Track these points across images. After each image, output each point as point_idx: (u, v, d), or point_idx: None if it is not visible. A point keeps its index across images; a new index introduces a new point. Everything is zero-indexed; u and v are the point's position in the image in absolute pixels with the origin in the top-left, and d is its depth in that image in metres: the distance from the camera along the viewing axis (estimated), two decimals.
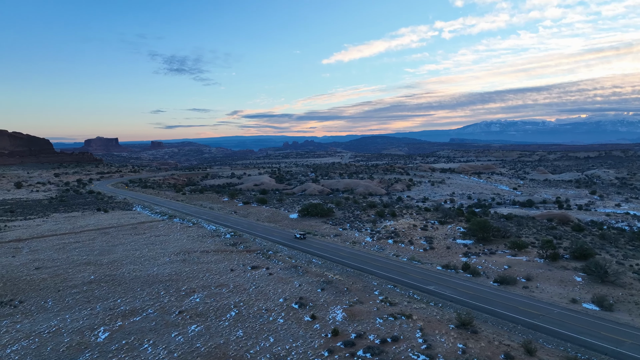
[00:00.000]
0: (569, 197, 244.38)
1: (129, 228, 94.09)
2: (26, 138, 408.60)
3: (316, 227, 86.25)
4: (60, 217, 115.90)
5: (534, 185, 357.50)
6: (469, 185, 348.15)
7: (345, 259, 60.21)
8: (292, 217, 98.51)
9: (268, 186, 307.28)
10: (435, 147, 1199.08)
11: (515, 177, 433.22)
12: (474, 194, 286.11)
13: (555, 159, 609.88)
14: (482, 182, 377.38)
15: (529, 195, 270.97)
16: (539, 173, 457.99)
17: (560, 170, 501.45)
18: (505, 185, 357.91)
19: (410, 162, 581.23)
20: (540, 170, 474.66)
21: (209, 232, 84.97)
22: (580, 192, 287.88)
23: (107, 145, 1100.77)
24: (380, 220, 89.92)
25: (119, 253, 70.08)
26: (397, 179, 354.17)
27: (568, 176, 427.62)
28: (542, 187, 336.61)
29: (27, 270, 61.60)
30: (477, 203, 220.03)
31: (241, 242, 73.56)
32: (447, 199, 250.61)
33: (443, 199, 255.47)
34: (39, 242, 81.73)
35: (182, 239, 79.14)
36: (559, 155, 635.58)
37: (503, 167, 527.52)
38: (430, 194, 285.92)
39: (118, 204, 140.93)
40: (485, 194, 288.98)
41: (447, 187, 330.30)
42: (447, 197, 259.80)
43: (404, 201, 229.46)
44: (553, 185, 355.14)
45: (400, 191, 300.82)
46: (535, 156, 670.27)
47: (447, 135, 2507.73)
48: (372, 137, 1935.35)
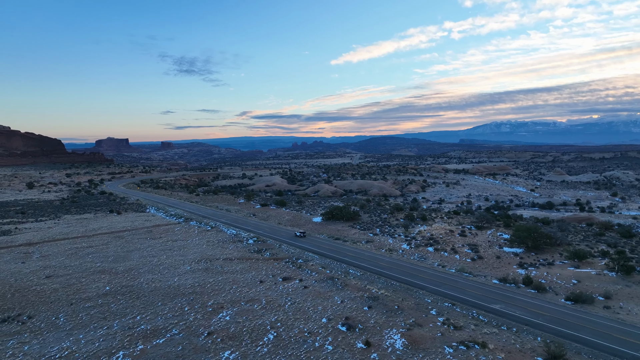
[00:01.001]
0: (590, 199, 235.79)
1: (143, 232, 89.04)
2: (38, 138, 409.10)
3: (344, 232, 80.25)
4: (72, 219, 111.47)
5: (552, 187, 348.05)
6: (484, 186, 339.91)
7: (386, 270, 54.11)
8: (315, 221, 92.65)
9: (280, 187, 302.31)
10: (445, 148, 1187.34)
11: (531, 179, 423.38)
12: (490, 195, 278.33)
13: (569, 160, 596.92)
14: (497, 184, 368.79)
15: (548, 197, 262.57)
16: (555, 174, 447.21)
17: (576, 171, 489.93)
18: (521, 187, 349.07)
19: (421, 163, 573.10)
20: (557, 171, 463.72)
21: (229, 236, 79.42)
22: (600, 194, 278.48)
23: (118, 146, 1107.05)
24: (412, 224, 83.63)
25: (135, 260, 64.80)
26: (411, 180, 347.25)
27: (586, 177, 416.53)
28: (560, 189, 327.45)
29: (38, 278, 56.55)
30: (495, 205, 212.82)
31: (266, 249, 67.84)
32: (464, 200, 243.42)
33: (459, 200, 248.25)
34: (50, 247, 76.93)
35: (202, 245, 73.70)
36: (573, 156, 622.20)
37: (516, 168, 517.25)
38: (446, 195, 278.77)
39: (131, 205, 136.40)
40: (502, 195, 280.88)
41: (462, 188, 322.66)
42: (464, 199, 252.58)
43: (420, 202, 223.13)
44: (571, 186, 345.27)
45: (415, 192, 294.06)
46: (548, 157, 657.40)
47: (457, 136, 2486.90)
48: (381, 137, 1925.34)
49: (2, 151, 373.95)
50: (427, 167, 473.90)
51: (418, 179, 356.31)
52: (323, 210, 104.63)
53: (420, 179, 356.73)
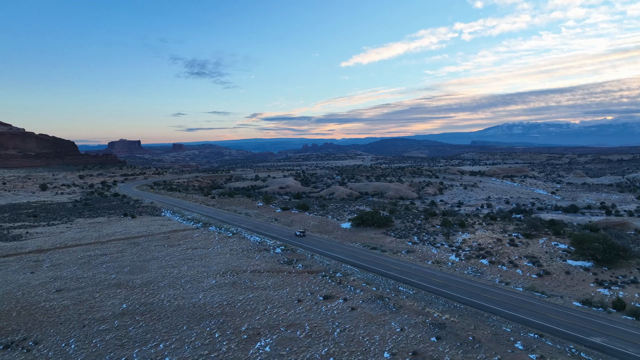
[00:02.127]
0: (614, 202, 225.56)
1: (160, 238, 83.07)
2: (52, 140, 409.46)
3: (379, 241, 73.18)
4: (84, 222, 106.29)
5: (573, 189, 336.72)
6: (503, 189, 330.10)
7: (441, 287, 46.94)
8: (344, 227, 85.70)
9: (294, 189, 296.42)
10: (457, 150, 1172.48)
11: (550, 181, 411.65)
12: (511, 198, 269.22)
13: (586, 162, 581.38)
14: (516, 186, 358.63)
15: (571, 200, 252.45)
16: (575, 176, 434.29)
17: (594, 173, 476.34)
18: (541, 189, 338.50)
19: (434, 165, 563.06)
20: (577, 173, 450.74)
21: (253, 244, 72.92)
22: (625, 196, 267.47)
23: (130, 148, 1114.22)
24: (452, 232, 76.20)
25: (153, 271, 58.61)
26: (428, 182, 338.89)
27: (607, 180, 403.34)
28: (582, 192, 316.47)
29: (47, 293, 50.61)
30: (516, 208, 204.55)
31: (297, 260, 61.12)
32: (484, 203, 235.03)
33: (479, 203, 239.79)
34: (62, 254, 71.30)
35: (225, 254, 67.30)
36: (590, 158, 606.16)
37: (532, 170, 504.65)
38: (465, 198, 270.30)
39: (145, 208, 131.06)
40: (523, 198, 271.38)
41: (480, 190, 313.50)
42: (484, 202, 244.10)
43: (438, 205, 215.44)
44: (593, 189, 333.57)
45: (433, 195, 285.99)
46: (564, 159, 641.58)
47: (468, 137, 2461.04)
48: (391, 139, 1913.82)
49: (17, 153, 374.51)
50: (442, 169, 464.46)
51: (434, 181, 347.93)
52: (350, 215, 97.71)
53: (436, 181, 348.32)
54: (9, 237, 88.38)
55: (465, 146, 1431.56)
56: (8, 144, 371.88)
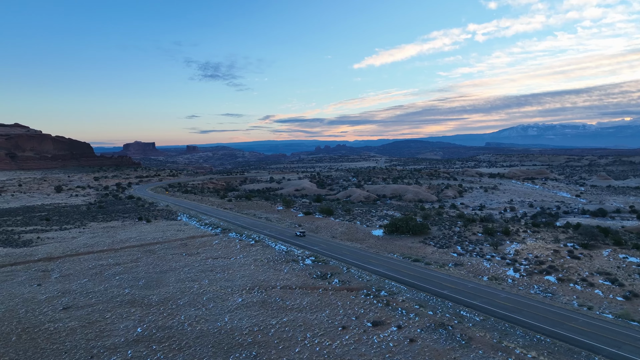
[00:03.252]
0: None
1: (177, 245, 77.03)
2: (68, 142, 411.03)
3: (419, 251, 65.72)
4: (98, 227, 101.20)
5: (598, 192, 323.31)
6: (524, 191, 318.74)
7: (512, 312, 39.39)
8: (375, 235, 78.43)
9: (309, 191, 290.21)
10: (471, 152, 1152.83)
11: (572, 183, 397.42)
12: (534, 201, 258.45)
13: (607, 164, 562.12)
14: (538, 189, 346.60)
15: (598, 203, 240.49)
16: (600, 179, 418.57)
17: (616, 175, 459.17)
18: (564, 192, 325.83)
19: (450, 167, 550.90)
20: (601, 175, 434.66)
21: (279, 254, 66.22)
22: None
23: (145, 150, 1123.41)
24: (501, 241, 68.32)
25: (171, 285, 52.29)
26: (447, 185, 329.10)
27: (634, 182, 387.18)
28: (608, 194, 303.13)
29: (52, 311, 44.65)
30: (541, 212, 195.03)
31: (332, 273, 54.14)
32: (507, 206, 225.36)
33: (501, 206, 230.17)
34: (72, 263, 65.68)
35: (249, 264, 60.72)
36: (610, 160, 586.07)
37: (551, 172, 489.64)
38: (486, 201, 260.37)
39: (161, 212, 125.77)
40: (547, 201, 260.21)
41: (501, 193, 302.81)
42: (506, 205, 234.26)
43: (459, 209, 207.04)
44: (619, 192, 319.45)
45: (452, 198, 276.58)
46: (584, 161, 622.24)
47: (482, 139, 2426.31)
48: (404, 141, 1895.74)
49: (34, 154, 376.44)
50: (459, 171, 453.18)
51: (453, 184, 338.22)
52: (380, 221, 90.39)
53: (455, 184, 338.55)
54: (20, 243, 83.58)
55: (480, 148, 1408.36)
56: (25, 146, 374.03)
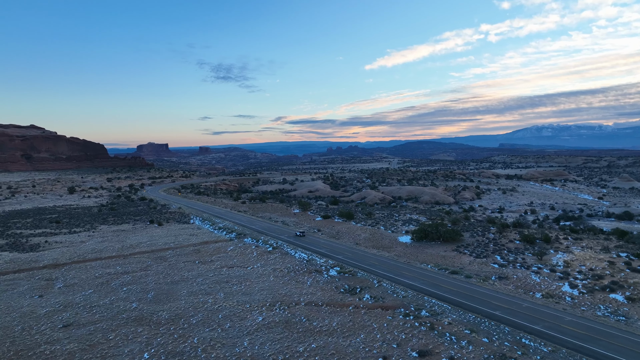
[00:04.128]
0: None
1: (190, 251, 72.08)
2: (82, 143, 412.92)
3: (453, 261, 59.44)
4: (108, 230, 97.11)
5: (621, 195, 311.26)
6: (544, 193, 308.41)
7: (588, 343, 32.90)
8: (402, 241, 72.32)
9: (323, 193, 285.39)
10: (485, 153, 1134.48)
11: (593, 185, 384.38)
12: (556, 203, 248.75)
13: (627, 165, 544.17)
14: (558, 191, 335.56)
15: (623, 205, 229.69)
16: (622, 180, 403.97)
17: (638, 177, 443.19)
18: (585, 194, 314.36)
19: (464, 168, 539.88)
20: (623, 177, 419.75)
21: (300, 263, 60.66)
22: None
23: (158, 151, 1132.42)
24: (544, 250, 61.65)
25: (182, 299, 47.10)
26: (464, 187, 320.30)
27: None
28: (632, 197, 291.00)
29: (51, 329, 39.77)
30: (563, 215, 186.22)
31: (361, 287, 48.32)
32: (527, 209, 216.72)
33: (521, 209, 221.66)
34: (78, 271, 61.12)
35: (268, 275, 55.26)
36: (631, 161, 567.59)
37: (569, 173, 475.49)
38: (505, 203, 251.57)
39: (173, 214, 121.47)
40: (569, 204, 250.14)
41: (521, 195, 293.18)
42: (526, 207, 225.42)
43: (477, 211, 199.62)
44: None
45: (470, 200, 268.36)
46: (603, 162, 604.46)
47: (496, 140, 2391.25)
48: (417, 142, 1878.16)
49: (49, 156, 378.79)
50: (476, 172, 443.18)
51: (470, 185, 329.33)
52: (406, 226, 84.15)
53: (472, 185, 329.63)
54: (27, 247, 79.70)
55: (494, 149, 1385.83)
56: (41, 147, 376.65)
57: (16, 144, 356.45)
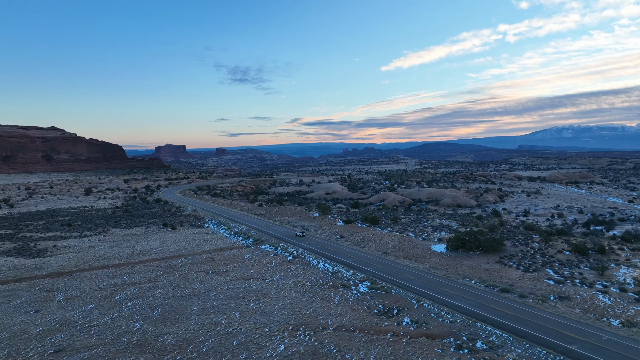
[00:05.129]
0: None
1: (203, 259, 66.40)
2: (101, 144, 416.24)
3: (499, 275, 51.95)
4: (119, 234, 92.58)
5: None
6: (570, 196, 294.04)
7: None
8: (437, 251, 65.08)
9: (340, 195, 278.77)
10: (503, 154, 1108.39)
11: (621, 188, 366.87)
12: (584, 207, 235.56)
13: None
14: (584, 193, 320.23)
15: None
16: None
17: None
18: (614, 197, 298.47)
19: (483, 170, 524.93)
20: None
21: (324, 275, 54.16)
22: None
23: (176, 152, 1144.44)
24: (605, 263, 53.63)
25: (192, 318, 41.14)
26: (487, 189, 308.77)
27: None
28: None
29: (40, 355, 34.19)
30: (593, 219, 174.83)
31: (398, 307, 41.49)
32: (554, 213, 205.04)
33: (547, 212, 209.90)
34: (82, 281, 56.00)
35: (289, 290, 48.92)
36: None
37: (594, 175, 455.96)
38: (530, 206, 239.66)
39: (187, 217, 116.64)
40: (598, 207, 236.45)
41: (546, 198, 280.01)
42: (553, 211, 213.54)
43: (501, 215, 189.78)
44: None
45: (493, 203, 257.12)
46: (629, 164, 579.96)
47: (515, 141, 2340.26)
48: (434, 143, 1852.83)
49: (69, 157, 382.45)
50: (497, 174, 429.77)
51: (492, 188, 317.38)
52: (435, 232, 76.73)
53: (494, 187, 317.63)
54: (34, 252, 75.49)
55: (513, 150, 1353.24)
56: (61, 149, 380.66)
57: (37, 145, 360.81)
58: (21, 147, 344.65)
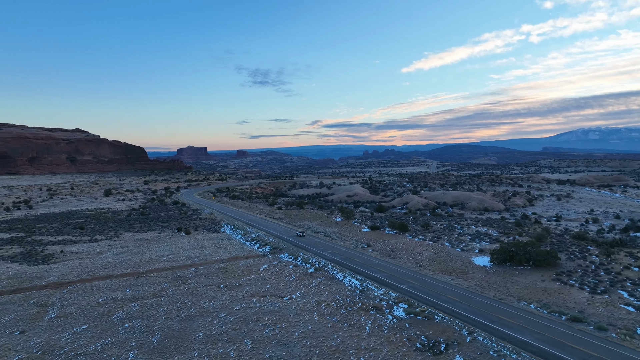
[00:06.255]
0: None
1: (215, 270, 59.96)
2: (124, 146, 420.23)
3: (562, 297, 43.26)
4: (131, 239, 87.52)
5: None
6: (604, 200, 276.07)
7: None
8: (479, 264, 56.64)
9: (362, 197, 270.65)
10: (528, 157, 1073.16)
11: None
12: (621, 212, 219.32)
13: None
14: (619, 197, 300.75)
15: None
16: None
17: None
18: None
19: (508, 172, 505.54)
20: None
21: (351, 292, 46.68)
22: None
23: (197, 154, 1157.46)
24: None
25: (196, 349, 34.31)
26: (514, 192, 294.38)
27: None
28: None
29: None
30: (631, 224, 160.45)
31: (445, 341, 33.61)
32: (588, 218, 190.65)
33: (581, 217, 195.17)
34: (80, 294, 50.27)
35: (311, 311, 41.68)
36: None
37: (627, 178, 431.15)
38: (561, 210, 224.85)
39: (203, 221, 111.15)
40: (636, 212, 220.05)
41: (577, 202, 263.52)
42: (587, 216, 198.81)
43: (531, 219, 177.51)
44: None
45: (522, 207, 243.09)
46: None
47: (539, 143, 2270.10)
48: (456, 145, 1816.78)
49: (92, 158, 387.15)
50: (524, 176, 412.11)
51: (520, 191, 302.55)
52: (473, 241, 68.07)
53: (522, 191, 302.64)
54: (39, 258, 70.84)
55: (537, 153, 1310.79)
56: (84, 150, 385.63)
57: (62, 147, 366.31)
58: (46, 149, 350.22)
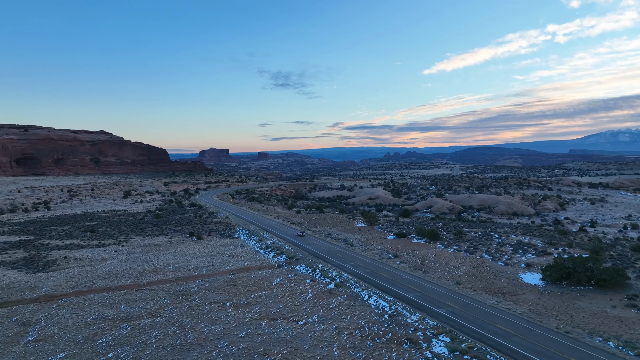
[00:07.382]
0: None
1: (223, 283, 53.27)
2: (146, 148, 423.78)
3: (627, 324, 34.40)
4: (140, 244, 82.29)
5: None
6: None
7: None
8: (529, 283, 47.85)
9: (384, 200, 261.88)
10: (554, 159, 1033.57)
11: None
12: None
13: None
14: None
15: None
16: None
17: None
18: None
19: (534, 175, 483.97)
20: None
21: (378, 317, 38.98)
22: None
23: (219, 156, 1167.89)
24: None
25: None
26: (545, 196, 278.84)
27: None
28: None
29: None
30: None
31: None
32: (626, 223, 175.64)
33: (619, 223, 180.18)
34: (69, 310, 44.42)
35: (330, 343, 34.22)
36: None
37: None
38: (596, 215, 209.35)
39: (218, 225, 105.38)
40: None
41: (613, 207, 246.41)
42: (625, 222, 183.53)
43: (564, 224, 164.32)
44: None
45: (553, 211, 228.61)
46: None
47: (565, 146, 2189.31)
48: (479, 148, 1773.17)
49: (115, 160, 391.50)
50: (553, 179, 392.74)
51: (550, 194, 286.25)
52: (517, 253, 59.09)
53: (552, 194, 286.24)
54: (40, 265, 66.11)
55: (564, 155, 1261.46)
56: (108, 152, 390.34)
57: (86, 148, 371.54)
58: (71, 150, 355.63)
